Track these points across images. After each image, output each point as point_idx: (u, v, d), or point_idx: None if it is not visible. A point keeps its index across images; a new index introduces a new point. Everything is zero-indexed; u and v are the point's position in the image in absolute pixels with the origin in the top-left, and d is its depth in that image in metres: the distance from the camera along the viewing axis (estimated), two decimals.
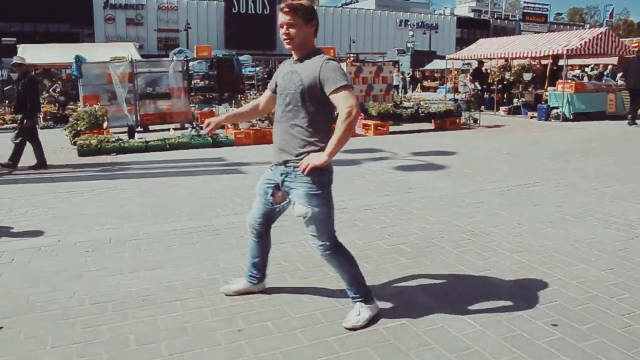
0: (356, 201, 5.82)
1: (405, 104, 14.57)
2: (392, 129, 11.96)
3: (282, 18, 2.71)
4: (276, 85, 2.93)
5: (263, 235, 3.17)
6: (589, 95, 14.74)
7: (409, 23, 53.23)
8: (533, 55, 15.41)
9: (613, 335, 2.87)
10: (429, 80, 35.78)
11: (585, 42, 14.33)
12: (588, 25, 70.87)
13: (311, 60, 2.75)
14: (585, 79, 17.79)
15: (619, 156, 8.82)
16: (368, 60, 18.94)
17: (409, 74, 32.21)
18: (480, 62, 17.96)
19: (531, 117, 15.41)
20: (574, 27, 65.44)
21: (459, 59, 19.84)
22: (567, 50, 14.12)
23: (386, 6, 57.25)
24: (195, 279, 3.69)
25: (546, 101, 15.06)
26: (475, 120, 13.34)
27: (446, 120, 12.60)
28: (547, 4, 62.75)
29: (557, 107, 14.63)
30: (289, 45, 2.75)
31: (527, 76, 15.48)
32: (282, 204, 3.01)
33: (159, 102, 12.92)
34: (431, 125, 12.75)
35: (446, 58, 19.88)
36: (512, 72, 15.56)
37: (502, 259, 4.03)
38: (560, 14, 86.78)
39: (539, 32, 49.07)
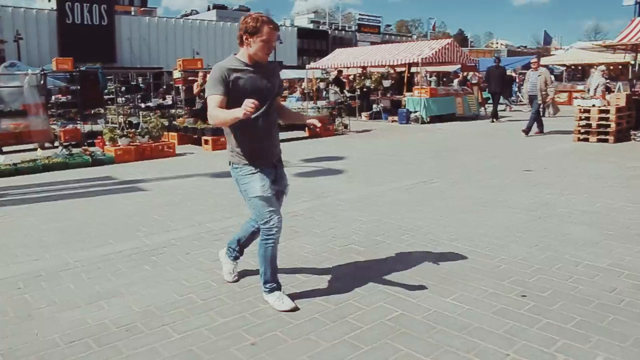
0: (289, 207, 5.84)
1: None
2: None
3: (274, 37, 3.12)
4: (246, 90, 3.06)
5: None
6: (441, 99, 16.37)
7: None
8: (391, 63, 16.67)
9: (570, 297, 3.38)
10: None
11: (436, 52, 15.91)
12: (415, 36, 78.02)
13: (270, 68, 3.28)
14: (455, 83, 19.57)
15: (485, 152, 9.98)
16: None
17: None
18: (339, 71, 18.92)
19: (392, 121, 16.63)
20: (403, 38, 71.60)
21: (318, 68, 20.67)
22: (422, 59, 15.53)
23: (227, 17, 57.25)
24: (167, 301, 3.49)
25: (404, 106, 16.36)
26: (346, 126, 14.03)
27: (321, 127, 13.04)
28: (379, 17, 68.10)
29: (415, 111, 15.97)
30: (266, 58, 3.18)
31: (386, 83, 16.70)
32: None
33: (12, 120, 11.58)
34: (305, 133, 13.11)
35: (306, 68, 20.62)
36: (373, 79, 16.64)
37: (447, 248, 4.42)
38: (389, 25, 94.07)
39: (374, 43, 52.93)
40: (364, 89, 17.33)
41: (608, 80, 14.90)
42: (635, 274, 3.76)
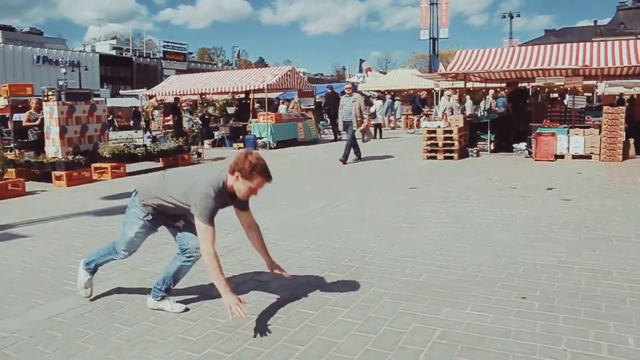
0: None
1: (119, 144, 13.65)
2: (127, 169, 11.14)
3: (263, 186, 3.26)
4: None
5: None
6: (285, 124, 16.79)
7: (47, 59, 48.83)
8: (233, 90, 16.60)
9: (558, 294, 3.80)
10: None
11: (279, 79, 16.31)
12: (220, 64, 78.53)
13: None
14: None
15: (355, 173, 10.53)
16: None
17: None
18: (176, 99, 18.23)
19: (238, 148, 16.50)
20: (209, 66, 71.60)
21: (154, 95, 19.61)
22: (267, 85, 15.79)
23: (16, 40, 51.13)
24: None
25: (250, 132, 16.40)
26: (199, 155, 13.57)
27: (177, 156, 12.47)
28: (184, 44, 66.90)
29: (261, 137, 16.11)
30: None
31: (230, 110, 16.54)
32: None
33: None
34: (160, 164, 12.39)
35: (139, 96, 19.41)
36: (217, 106, 16.38)
37: (415, 264, 4.59)
38: (191, 53, 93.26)
39: (180, 71, 52.03)
40: (206, 117, 16.93)
41: (458, 104, 16.67)
42: (583, 267, 4.36)
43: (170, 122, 18.47)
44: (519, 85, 15.13)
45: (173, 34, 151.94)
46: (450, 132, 12.24)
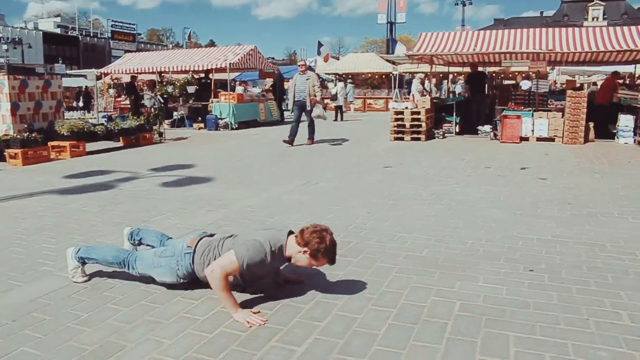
0: (199, 219, 5.21)
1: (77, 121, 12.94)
2: (87, 148, 10.58)
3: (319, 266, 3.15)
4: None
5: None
6: (247, 105, 16.43)
7: None
8: (195, 69, 16.04)
9: (563, 266, 3.79)
10: None
11: (241, 58, 15.87)
12: (171, 45, 76.34)
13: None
14: None
15: (326, 153, 10.38)
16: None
17: None
18: (133, 77, 17.48)
19: (199, 128, 16.05)
20: (159, 47, 69.47)
21: (108, 73, 18.72)
22: (230, 64, 15.34)
23: None
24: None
25: (211, 112, 15.94)
26: (161, 134, 13.08)
27: (139, 135, 11.96)
28: (133, 24, 64.63)
29: (223, 118, 15.69)
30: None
31: (191, 89, 16.00)
32: None
33: None
34: (120, 143, 11.85)
35: (96, 73, 18.47)
36: (177, 85, 15.80)
37: (413, 240, 4.50)
38: (140, 34, 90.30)
39: (129, 51, 50.17)
40: (165, 96, 16.32)
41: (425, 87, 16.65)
42: (578, 241, 4.39)
43: (124, 103, 17.71)
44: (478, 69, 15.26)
45: (120, 14, 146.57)
46: (418, 113, 12.25)
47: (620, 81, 13.90)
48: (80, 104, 24.82)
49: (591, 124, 11.64)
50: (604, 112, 12.14)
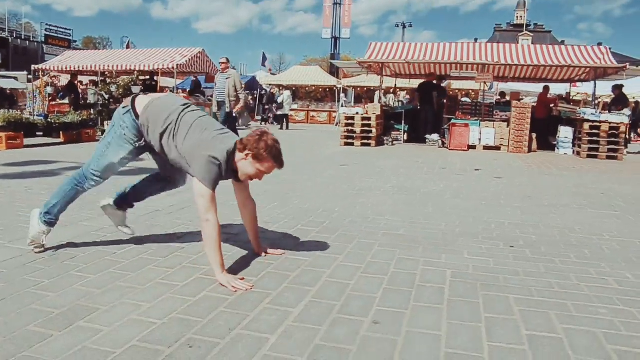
0: (160, 202, 4.91)
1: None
2: (25, 142, 9.88)
3: (267, 173, 2.90)
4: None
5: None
6: None
7: None
8: (140, 69, 15.48)
9: (542, 243, 3.81)
10: None
11: (188, 60, 15.48)
12: None
13: None
14: None
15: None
16: None
17: None
18: (74, 75, 16.64)
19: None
20: None
21: (47, 69, 17.71)
22: (178, 65, 14.92)
23: None
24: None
25: None
26: (104, 132, 12.43)
27: (81, 131, 11.33)
28: (69, 29, 61.93)
29: None
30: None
31: (135, 90, 15.36)
32: None
33: None
34: (60, 139, 11.17)
35: (32, 68, 17.43)
36: (120, 84, 15.15)
37: (394, 221, 4.42)
38: (75, 41, 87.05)
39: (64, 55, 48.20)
40: (107, 95, 15.59)
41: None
42: (547, 225, 4.45)
43: (63, 102, 16.84)
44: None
45: (54, 20, 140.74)
46: (369, 119, 12.32)
47: (552, 96, 14.58)
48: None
49: (534, 135, 12.10)
50: (544, 125, 12.66)
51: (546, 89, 13.69)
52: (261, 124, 22.14)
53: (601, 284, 2.92)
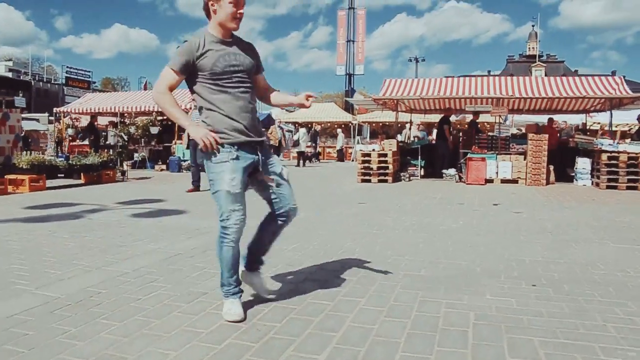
0: (181, 244, 4.97)
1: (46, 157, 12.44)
2: (47, 184, 10.10)
3: None
4: (198, 66, 2.80)
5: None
6: None
7: None
8: (158, 110, 15.80)
9: (563, 281, 3.77)
10: None
11: None
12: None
13: (242, 42, 2.93)
14: None
15: (299, 191, 10.24)
16: None
17: None
18: (93, 117, 17.05)
19: (161, 170, 15.70)
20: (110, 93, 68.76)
21: (70, 112, 18.18)
22: (195, 106, 15.18)
23: None
24: None
25: (175, 153, 15.67)
26: (124, 173, 12.70)
27: (101, 172, 11.56)
28: (89, 71, 63.67)
29: (186, 160, 15.41)
30: (237, 25, 2.81)
31: (154, 130, 15.72)
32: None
33: None
34: (81, 180, 11.39)
35: (54, 111, 17.94)
36: (139, 126, 15.51)
37: (414, 261, 4.43)
38: (95, 82, 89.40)
39: (85, 97, 49.45)
40: (126, 137, 15.97)
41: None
42: (569, 261, 4.42)
43: (83, 143, 17.22)
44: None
45: (75, 62, 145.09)
46: (385, 155, 12.40)
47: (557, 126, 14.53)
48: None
49: (551, 167, 12.04)
50: (560, 156, 12.61)
51: (550, 121, 13.70)
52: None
53: (628, 324, 2.89)
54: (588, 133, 18.14)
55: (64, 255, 4.41)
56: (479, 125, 14.29)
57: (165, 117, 17.14)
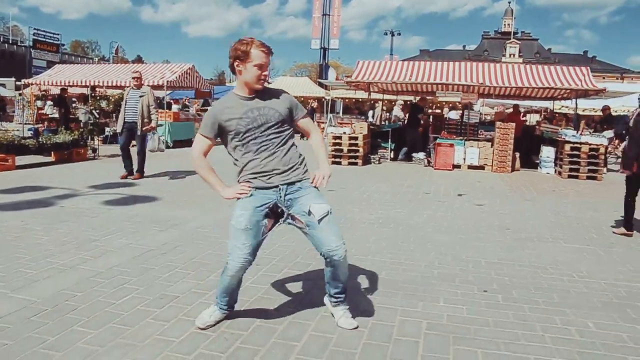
0: (151, 238, 5.11)
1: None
2: (17, 162, 10.02)
3: (267, 60, 2.88)
4: (224, 129, 2.96)
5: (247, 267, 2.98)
6: (183, 124, 16.20)
7: None
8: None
9: (514, 286, 4.08)
10: None
11: (178, 76, 15.67)
12: (97, 58, 73.81)
13: (271, 93, 3.00)
14: None
15: None
16: None
17: None
18: (63, 89, 16.76)
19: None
20: (84, 59, 67.09)
21: (35, 84, 17.80)
22: (167, 81, 15.10)
23: None
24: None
25: None
26: (95, 150, 12.63)
27: (72, 150, 11.49)
28: (57, 34, 61.68)
29: (159, 136, 15.34)
30: (262, 85, 2.93)
31: None
32: (268, 231, 3.00)
33: None
34: (51, 158, 11.31)
35: (22, 82, 17.52)
36: (111, 100, 15.33)
37: (377, 262, 4.67)
38: (64, 44, 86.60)
39: (52, 62, 48.05)
40: (97, 111, 15.74)
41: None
42: (521, 264, 4.73)
43: (52, 115, 16.95)
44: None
45: (42, 23, 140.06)
46: (356, 138, 12.59)
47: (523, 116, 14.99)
48: None
49: (517, 154, 12.44)
50: (527, 143, 13.02)
51: (516, 107, 14.09)
52: None
53: (563, 335, 3.19)
54: (557, 116, 18.71)
55: (38, 252, 4.52)
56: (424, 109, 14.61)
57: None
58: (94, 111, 13.80)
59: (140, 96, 8.81)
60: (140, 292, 3.67)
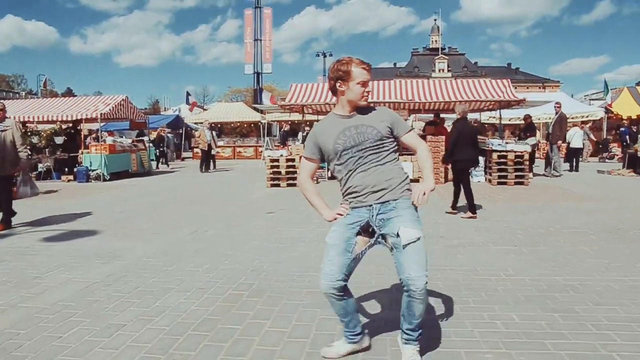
0: (96, 271, 5.11)
1: None
2: None
3: (369, 77, 2.90)
4: (323, 150, 3.01)
5: (345, 289, 2.95)
6: (119, 155, 15.95)
7: None
8: (63, 119, 15.28)
9: (451, 290, 4.36)
10: None
11: (112, 108, 15.47)
12: (23, 93, 71.14)
13: (370, 110, 2.97)
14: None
15: (206, 202, 10.50)
16: None
17: None
18: None
19: (68, 180, 15.24)
20: (10, 94, 64.46)
21: None
22: (101, 114, 14.86)
23: None
24: None
25: (82, 163, 15.26)
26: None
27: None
28: None
29: (95, 169, 15.09)
30: (366, 101, 2.92)
31: (58, 140, 15.18)
32: (363, 250, 2.95)
33: None
34: None
35: None
36: (43, 136, 14.91)
37: (316, 277, 4.85)
38: None
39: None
40: (29, 147, 15.26)
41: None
42: (454, 268, 5.08)
43: None
44: None
45: None
46: (293, 160, 12.85)
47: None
48: None
49: (448, 166, 13.02)
50: None
51: (442, 120, 14.92)
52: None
53: (491, 328, 3.49)
54: (486, 126, 19.70)
55: None
56: None
57: (70, 126, 16.58)
58: (27, 149, 13.34)
59: (2, 131, 7.34)
60: (87, 324, 3.70)
